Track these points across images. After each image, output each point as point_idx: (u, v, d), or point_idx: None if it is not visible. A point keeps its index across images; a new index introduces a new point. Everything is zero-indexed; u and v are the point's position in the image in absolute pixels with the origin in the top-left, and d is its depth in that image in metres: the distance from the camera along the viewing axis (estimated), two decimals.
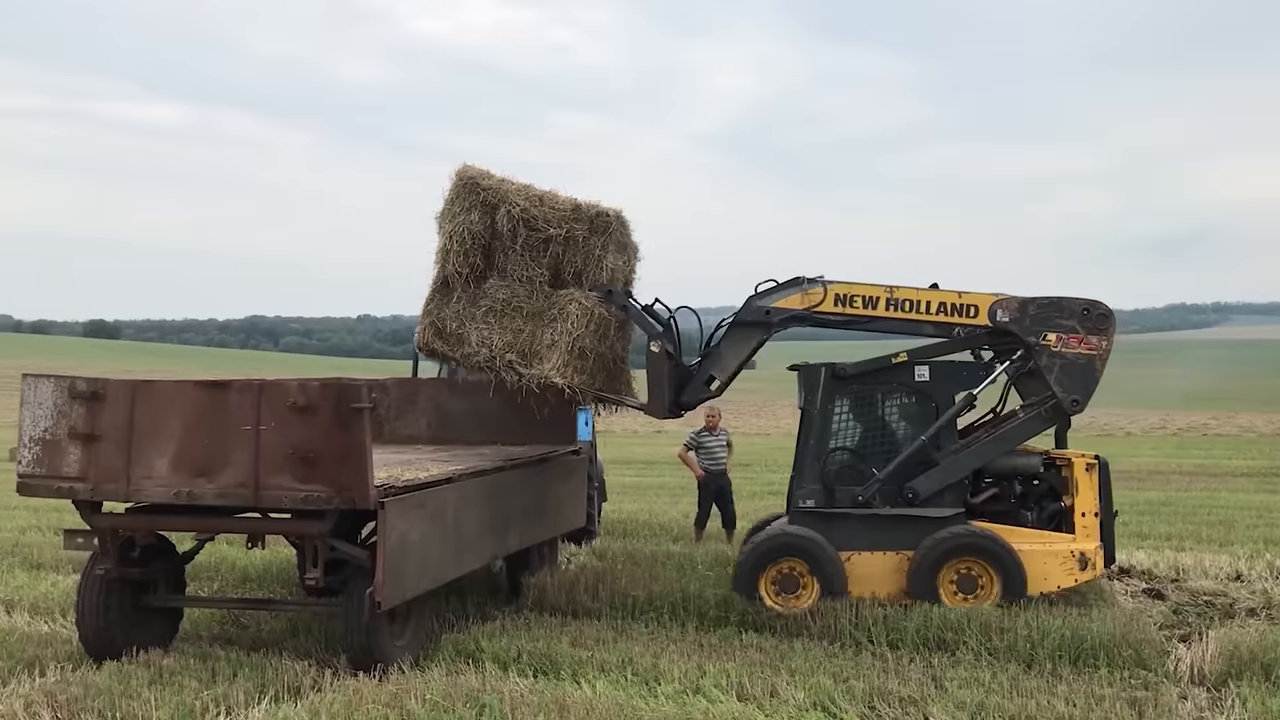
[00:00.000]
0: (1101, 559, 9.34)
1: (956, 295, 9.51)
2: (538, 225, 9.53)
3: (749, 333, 9.80)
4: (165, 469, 7.33)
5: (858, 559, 9.28)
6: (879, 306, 9.57)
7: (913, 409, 9.64)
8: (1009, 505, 9.66)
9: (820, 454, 9.55)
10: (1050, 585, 9.12)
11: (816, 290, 9.61)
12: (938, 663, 7.76)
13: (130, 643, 7.89)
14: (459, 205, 9.59)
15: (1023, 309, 9.41)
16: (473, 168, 9.72)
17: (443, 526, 8.09)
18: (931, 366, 9.53)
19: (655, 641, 8.36)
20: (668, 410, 9.74)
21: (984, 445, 9.56)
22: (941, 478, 9.38)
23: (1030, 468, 9.71)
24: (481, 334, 9.55)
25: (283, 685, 7.10)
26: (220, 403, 7.32)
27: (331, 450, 7.10)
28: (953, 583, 9.12)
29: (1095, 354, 9.35)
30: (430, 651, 8.06)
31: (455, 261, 9.56)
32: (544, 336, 9.49)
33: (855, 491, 9.40)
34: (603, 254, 9.78)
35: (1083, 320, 9.37)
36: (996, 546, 9.09)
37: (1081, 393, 9.35)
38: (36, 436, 7.49)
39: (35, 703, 6.66)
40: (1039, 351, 9.36)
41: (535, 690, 6.87)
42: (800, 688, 7.02)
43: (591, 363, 9.68)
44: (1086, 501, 9.40)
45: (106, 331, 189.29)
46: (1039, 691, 6.96)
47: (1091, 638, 7.90)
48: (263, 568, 11.17)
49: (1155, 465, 26.64)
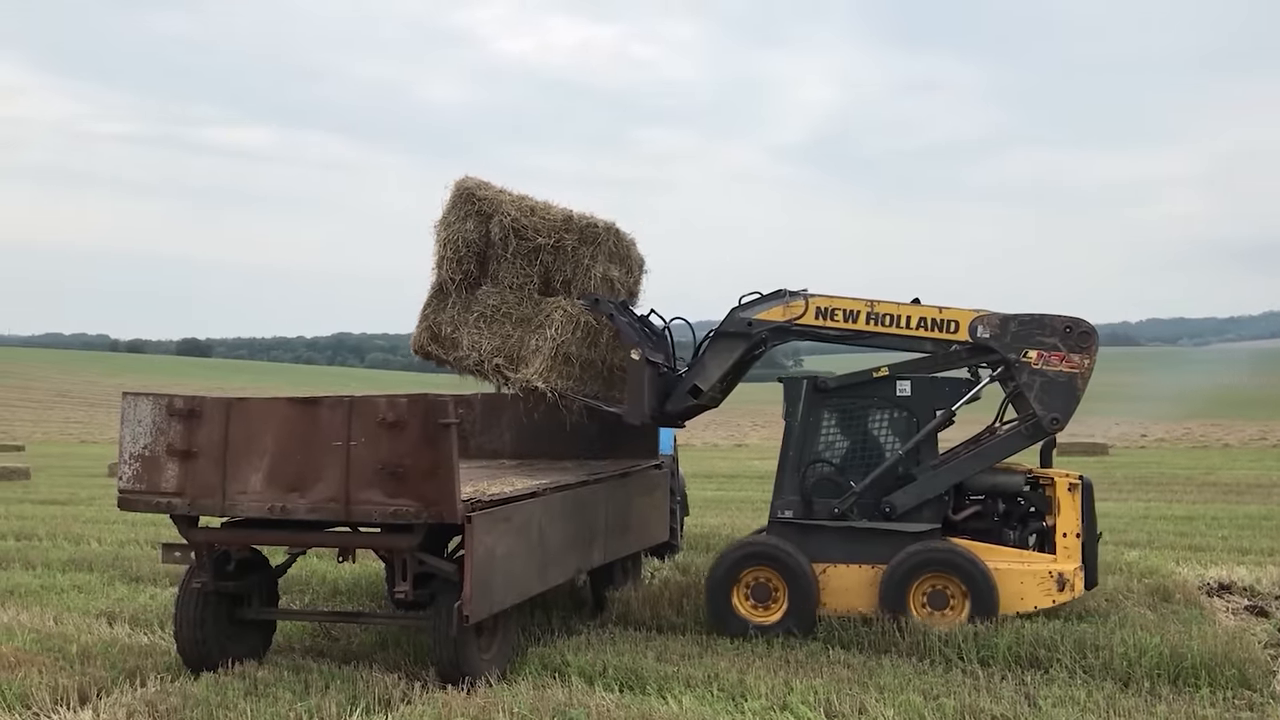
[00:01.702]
0: (1082, 580, 9.17)
1: (937, 310, 9.49)
2: (528, 234, 9.76)
3: (732, 344, 9.88)
4: (259, 484, 7.48)
5: (833, 571, 9.28)
6: (859, 320, 9.61)
7: (893, 423, 9.63)
8: (991, 523, 9.56)
9: (800, 466, 9.59)
10: (1027, 605, 8.96)
11: (798, 303, 9.68)
12: (1030, 680, 7.58)
13: (226, 654, 8.06)
14: (455, 214, 9.87)
15: (1004, 326, 9.34)
16: (471, 179, 9.98)
17: (528, 541, 8.15)
18: (913, 381, 9.52)
19: (741, 657, 8.31)
20: (647, 416, 9.80)
21: (963, 461, 9.53)
22: (919, 492, 9.34)
23: (1013, 486, 9.61)
24: (473, 338, 9.78)
25: (373, 697, 7.20)
26: (311, 419, 7.45)
27: (419, 465, 7.19)
28: (924, 597, 9.04)
29: (1077, 372, 9.22)
30: (516, 665, 8.11)
31: (449, 268, 9.84)
32: (530, 342, 9.69)
33: (833, 504, 9.42)
34: (591, 263, 9.96)
35: (1065, 338, 9.25)
36: (967, 563, 8.98)
37: (1062, 411, 9.23)
38: (136, 453, 7.70)
39: (137, 712, 6.86)
40: (1019, 369, 9.28)
41: (621, 705, 6.87)
42: (889, 705, 6.91)
43: (578, 368, 9.92)
44: (1068, 522, 9.26)
45: (199, 350, 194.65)
46: (1137, 711, 6.78)
47: (1192, 656, 7.65)
48: (352, 582, 11.35)
49: (1255, 478, 25.81)
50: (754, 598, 9.28)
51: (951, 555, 9.03)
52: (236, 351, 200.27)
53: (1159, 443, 46.14)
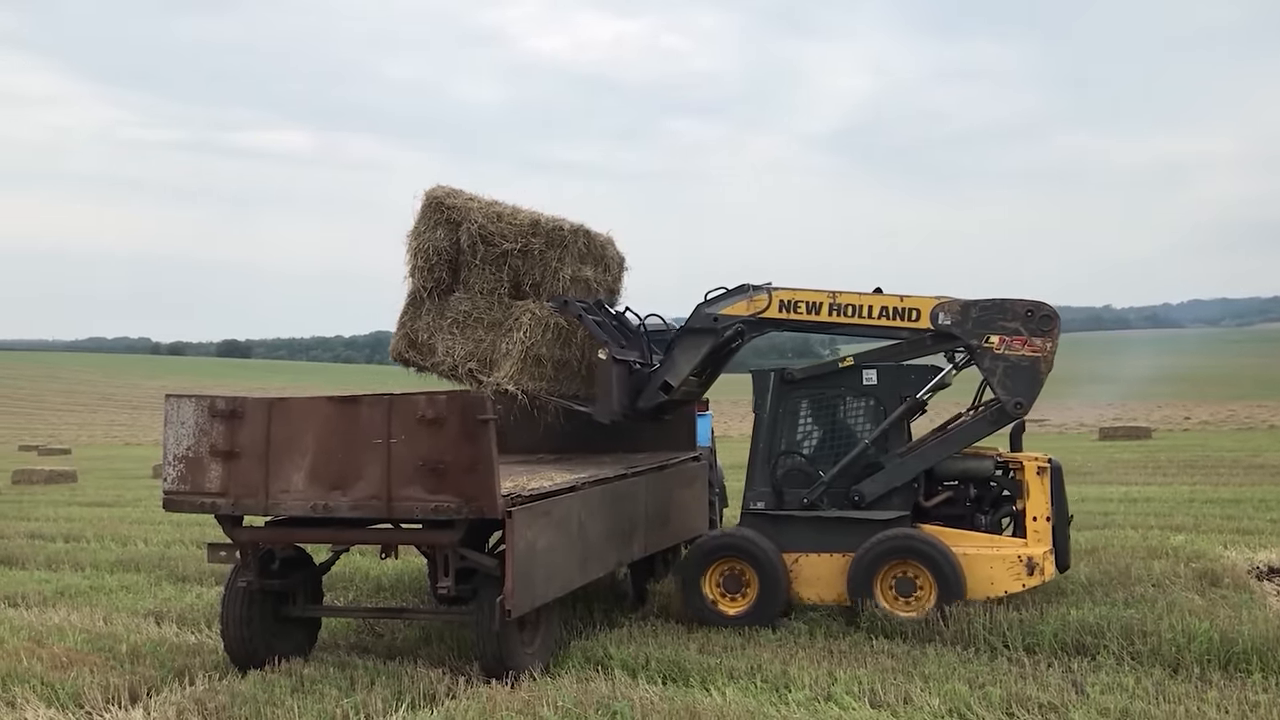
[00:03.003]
0: (1052, 564, 9.16)
1: (899, 299, 9.52)
2: (495, 240, 9.90)
3: (699, 339, 9.98)
4: (301, 483, 7.55)
5: (805, 560, 9.37)
6: (822, 311, 9.66)
7: (861, 412, 9.71)
8: (964, 509, 9.59)
9: (770, 457, 9.67)
10: (996, 590, 8.96)
11: (761, 297, 9.77)
12: (1077, 667, 7.51)
13: (272, 652, 8.13)
14: (425, 223, 10.06)
15: (965, 312, 9.35)
16: (441, 188, 10.15)
17: (568, 534, 8.17)
18: (879, 370, 9.57)
19: (784, 648, 8.29)
20: (617, 414, 9.90)
21: (930, 448, 9.57)
22: (888, 480, 9.39)
23: (983, 471, 9.65)
24: (447, 344, 9.96)
25: (419, 692, 7.24)
26: (352, 417, 7.51)
27: (459, 461, 7.22)
28: (891, 586, 9.07)
29: (1039, 356, 9.22)
30: (559, 659, 8.14)
31: (421, 276, 10.04)
32: (501, 346, 9.83)
33: (803, 494, 9.49)
34: (560, 266, 10.11)
35: (1026, 322, 9.25)
36: (932, 550, 8.99)
37: (1025, 395, 9.24)
38: (180, 454, 7.78)
39: (186, 710, 6.94)
40: (982, 354, 9.28)
41: (665, 697, 6.87)
42: (935, 694, 6.87)
43: (551, 369, 10.08)
44: (1038, 505, 9.27)
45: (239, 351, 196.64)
46: (1187, 698, 6.68)
47: (1243, 641, 7.54)
48: (395, 578, 11.43)
49: None
50: (725, 588, 9.41)
51: (916, 542, 9.09)
52: (276, 352, 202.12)
53: (1203, 425, 45.56)
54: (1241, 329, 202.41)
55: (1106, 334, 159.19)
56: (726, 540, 9.55)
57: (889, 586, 9.09)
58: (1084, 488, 19.96)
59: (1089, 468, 24.42)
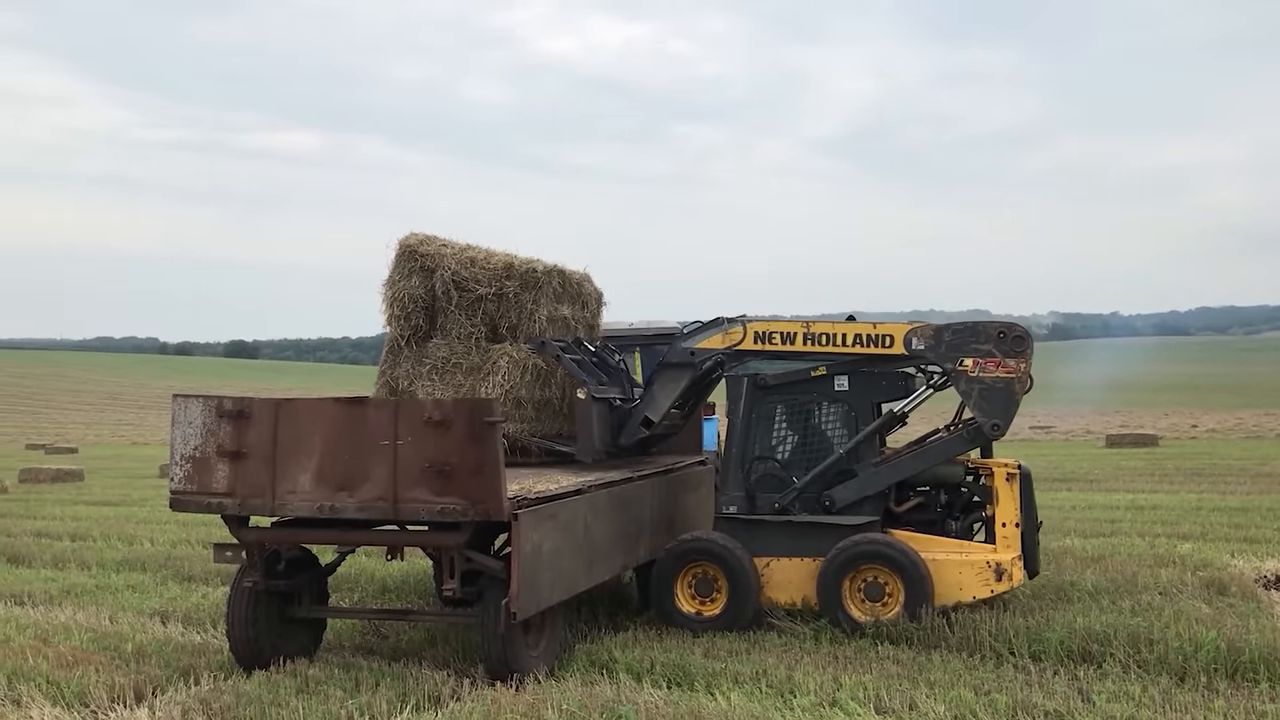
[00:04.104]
0: (1020, 570, 9.23)
1: (872, 326, 9.64)
2: (469, 286, 10.07)
3: (678, 374, 10.12)
4: (308, 484, 7.55)
5: (776, 565, 9.45)
6: (796, 341, 9.77)
7: (832, 418, 9.80)
8: (935, 514, 9.68)
9: (743, 462, 9.74)
10: (965, 596, 9.04)
11: (736, 330, 9.89)
12: (1084, 675, 7.49)
13: (278, 653, 8.13)
14: (399, 272, 10.22)
15: (938, 336, 9.44)
16: (415, 235, 10.31)
17: (574, 538, 8.17)
18: (851, 376, 9.65)
19: (789, 653, 8.28)
20: (600, 454, 9.99)
21: (905, 460, 9.64)
22: (860, 488, 9.49)
23: (954, 477, 9.74)
24: (427, 391, 10.02)
25: (423, 695, 7.24)
26: (359, 419, 7.51)
27: (466, 464, 7.22)
28: (860, 590, 9.12)
29: (1014, 377, 9.31)
30: (564, 662, 8.13)
31: (398, 325, 10.20)
32: (480, 390, 9.91)
33: (775, 499, 9.59)
34: (535, 308, 10.25)
35: (999, 344, 9.32)
36: (899, 555, 9.04)
37: (1001, 416, 9.31)
38: (187, 454, 7.79)
39: (191, 710, 6.94)
40: (957, 377, 9.35)
41: (670, 701, 6.86)
42: (940, 700, 6.85)
43: (532, 410, 10.23)
44: (1007, 512, 9.34)
45: (246, 351, 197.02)
46: (1194, 706, 6.66)
47: (1250, 650, 7.51)
48: (401, 579, 11.44)
49: None
50: (697, 591, 9.46)
51: (884, 548, 9.14)
52: (283, 353, 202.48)
53: (1210, 433, 45.43)
54: (1250, 337, 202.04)
55: (1065, 343, 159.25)
56: (698, 544, 9.59)
57: (858, 591, 9.15)
58: (1091, 495, 19.93)
59: (1095, 475, 24.36)
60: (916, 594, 8.92)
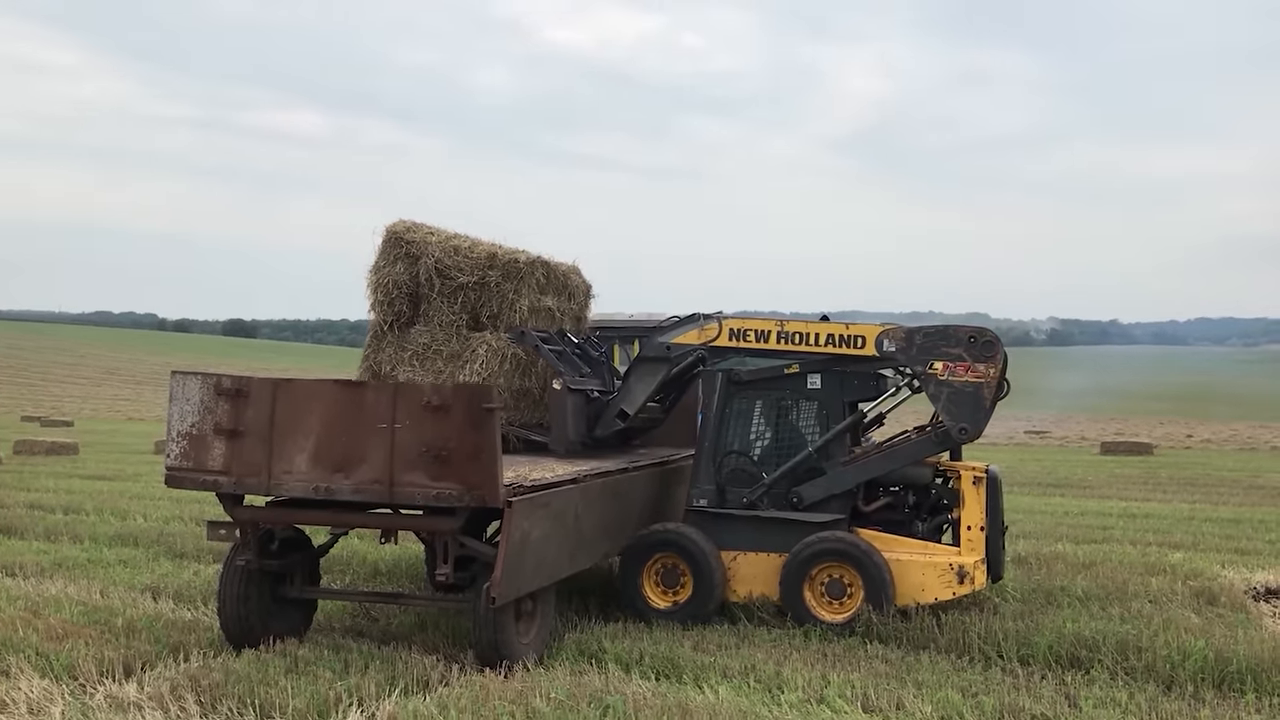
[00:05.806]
0: (984, 574, 9.29)
1: (844, 327, 9.69)
2: (451, 274, 10.16)
3: (653, 368, 10.20)
4: (304, 464, 7.56)
5: (742, 559, 9.55)
6: (770, 339, 9.85)
7: (805, 415, 9.87)
8: (903, 515, 9.75)
9: (715, 456, 9.81)
10: (927, 597, 9.12)
11: (712, 326, 9.98)
12: (1071, 680, 7.52)
13: (268, 632, 8.14)
14: (385, 258, 10.31)
15: (909, 339, 9.49)
16: (402, 223, 10.38)
17: (564, 526, 8.19)
18: (823, 375, 9.71)
19: (778, 649, 8.31)
20: (574, 444, 10.07)
21: (873, 460, 9.70)
22: (828, 486, 9.57)
23: (922, 478, 9.80)
24: (408, 376, 10.13)
25: (412, 678, 7.25)
26: (357, 401, 7.52)
27: (463, 449, 7.23)
28: (821, 586, 9.20)
29: (983, 381, 9.35)
30: (554, 651, 8.15)
31: (382, 310, 10.29)
32: (458, 377, 10.00)
33: (744, 493, 9.66)
34: (516, 298, 10.35)
35: (969, 348, 9.37)
36: (861, 554, 9.12)
37: (970, 421, 9.35)
38: (184, 431, 7.79)
39: (180, 686, 6.94)
40: (926, 380, 9.41)
41: (658, 693, 6.88)
42: (927, 701, 6.88)
43: (510, 399, 10.30)
44: (972, 515, 9.41)
45: (244, 330, 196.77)
46: (1180, 715, 6.70)
47: (1238, 661, 7.55)
48: (392, 563, 11.45)
49: None
50: (662, 582, 9.53)
51: (846, 545, 9.21)
52: (281, 333, 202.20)
53: (1205, 444, 45.49)
54: (1248, 349, 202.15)
55: (1063, 349, 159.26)
56: (665, 536, 9.65)
57: (820, 588, 9.21)
58: (1084, 501, 19.96)
59: (1089, 481, 24.40)
60: (877, 593, 8.99)
